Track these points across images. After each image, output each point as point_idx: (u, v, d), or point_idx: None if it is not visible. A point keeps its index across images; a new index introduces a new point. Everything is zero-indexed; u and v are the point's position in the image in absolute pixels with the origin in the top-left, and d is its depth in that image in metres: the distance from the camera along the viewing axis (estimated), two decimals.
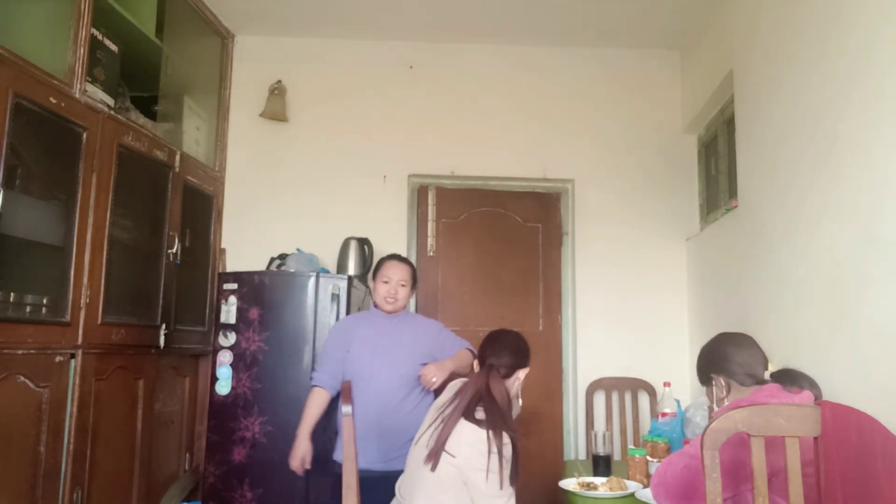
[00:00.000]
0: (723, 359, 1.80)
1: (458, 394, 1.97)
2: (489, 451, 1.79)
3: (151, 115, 3.04)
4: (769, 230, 2.62)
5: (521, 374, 2.03)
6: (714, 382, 1.81)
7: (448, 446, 1.83)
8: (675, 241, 3.79)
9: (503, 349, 2.02)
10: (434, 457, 1.84)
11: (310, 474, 2.53)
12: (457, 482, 1.83)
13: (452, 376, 2.37)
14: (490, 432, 1.82)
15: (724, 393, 1.77)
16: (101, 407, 2.45)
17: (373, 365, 2.44)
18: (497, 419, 1.85)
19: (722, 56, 3.23)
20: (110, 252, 2.49)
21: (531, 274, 3.82)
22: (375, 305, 2.58)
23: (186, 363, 3.26)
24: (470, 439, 1.83)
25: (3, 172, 2.00)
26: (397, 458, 2.31)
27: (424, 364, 2.47)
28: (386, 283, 2.51)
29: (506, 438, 1.84)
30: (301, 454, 2.43)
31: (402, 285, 2.52)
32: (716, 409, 1.84)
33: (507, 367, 1.99)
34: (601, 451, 2.37)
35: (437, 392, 2.26)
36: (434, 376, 2.41)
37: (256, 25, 3.75)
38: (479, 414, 1.87)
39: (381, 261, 2.60)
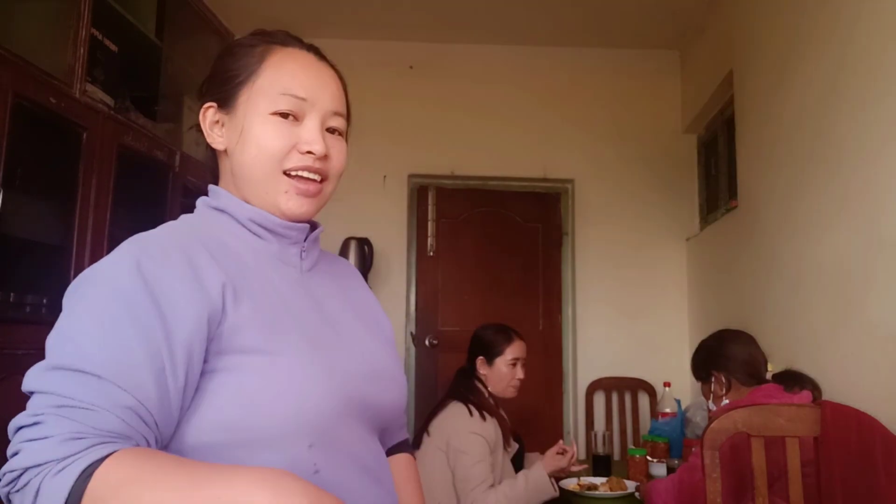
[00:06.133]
0: (726, 356, 1.80)
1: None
2: (472, 431, 1.90)
3: (151, 115, 3.04)
4: (769, 230, 2.62)
5: (480, 363, 2.18)
6: (714, 379, 1.80)
7: (431, 426, 1.95)
8: (675, 241, 3.78)
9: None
10: (416, 437, 1.97)
11: None
12: (443, 466, 1.89)
13: None
14: (474, 411, 1.94)
15: (724, 391, 1.77)
16: None
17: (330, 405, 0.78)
18: (474, 399, 2.03)
19: (722, 56, 3.23)
20: (110, 252, 2.49)
21: (531, 274, 3.82)
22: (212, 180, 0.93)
23: None
24: (454, 416, 1.94)
25: (2, 172, 2.00)
26: None
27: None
28: (292, 116, 0.83)
29: (490, 421, 1.94)
30: None
31: (339, 132, 0.88)
32: (711, 406, 1.84)
33: (468, 360, 2.21)
34: (601, 451, 2.37)
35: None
36: None
37: (256, 25, 3.72)
38: (462, 397, 2.06)
39: (274, 40, 0.91)
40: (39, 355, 0.70)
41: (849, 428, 1.39)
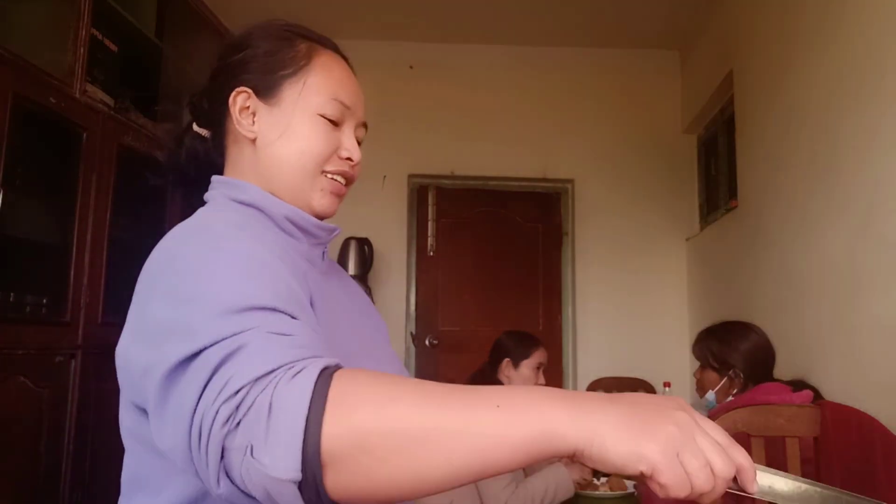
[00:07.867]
0: (752, 354, 1.75)
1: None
2: None
3: (151, 115, 3.04)
4: (769, 230, 2.62)
5: (505, 365, 2.16)
6: (732, 374, 1.77)
7: None
8: (675, 241, 3.78)
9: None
10: None
11: None
12: None
13: None
14: None
15: (737, 389, 1.75)
16: (101, 407, 2.45)
17: None
18: None
19: (722, 56, 3.23)
20: (110, 252, 2.49)
21: (531, 274, 3.82)
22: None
23: None
24: None
25: (2, 172, 2.00)
26: None
27: None
28: (335, 122, 0.84)
29: None
30: None
31: (360, 141, 0.91)
32: (711, 398, 1.83)
33: (489, 361, 2.21)
34: None
35: None
36: None
37: None
38: None
39: (311, 37, 0.89)
40: (39, 355, 0.70)
41: (849, 428, 1.39)
